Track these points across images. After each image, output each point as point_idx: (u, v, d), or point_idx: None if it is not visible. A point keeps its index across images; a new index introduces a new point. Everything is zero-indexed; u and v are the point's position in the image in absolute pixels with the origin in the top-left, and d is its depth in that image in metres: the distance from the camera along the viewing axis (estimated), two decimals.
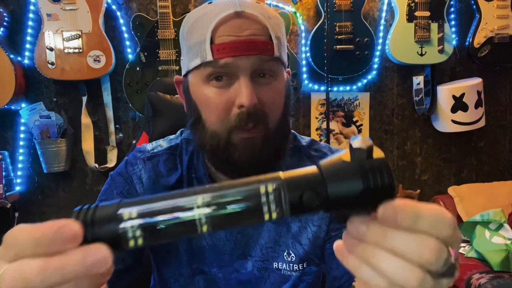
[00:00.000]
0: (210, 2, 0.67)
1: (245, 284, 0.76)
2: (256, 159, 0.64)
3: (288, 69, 0.74)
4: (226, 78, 0.64)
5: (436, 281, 0.32)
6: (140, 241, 0.30)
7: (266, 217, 0.30)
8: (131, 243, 0.30)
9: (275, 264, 0.75)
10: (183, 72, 0.71)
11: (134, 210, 0.30)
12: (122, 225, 0.29)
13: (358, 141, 0.31)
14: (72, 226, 0.29)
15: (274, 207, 0.30)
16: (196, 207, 0.30)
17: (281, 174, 0.32)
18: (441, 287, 0.32)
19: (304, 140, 0.82)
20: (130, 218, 0.29)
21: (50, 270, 0.28)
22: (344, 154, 0.32)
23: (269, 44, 0.64)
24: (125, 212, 0.30)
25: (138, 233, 0.29)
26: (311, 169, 0.32)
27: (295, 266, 0.75)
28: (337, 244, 0.35)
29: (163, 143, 0.80)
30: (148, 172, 0.76)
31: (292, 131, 0.83)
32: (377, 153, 0.31)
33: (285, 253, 0.75)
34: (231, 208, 0.30)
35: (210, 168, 0.75)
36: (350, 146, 0.31)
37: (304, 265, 0.75)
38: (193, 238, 0.75)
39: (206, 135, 0.67)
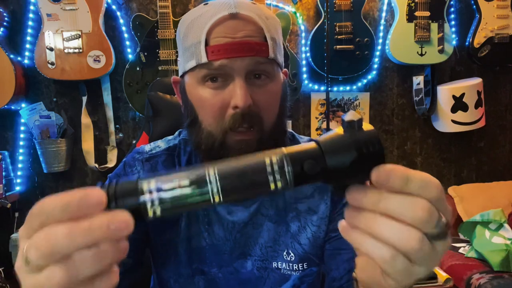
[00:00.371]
0: (206, 3, 0.67)
1: (245, 284, 0.76)
2: None
3: (285, 69, 0.74)
4: (221, 79, 0.64)
5: (432, 243, 0.34)
6: (158, 212, 0.32)
7: (272, 186, 0.33)
8: (150, 213, 0.32)
9: (275, 263, 0.75)
10: (180, 73, 0.72)
11: (152, 184, 0.32)
12: (142, 198, 0.32)
13: (349, 115, 0.34)
14: (97, 193, 0.31)
15: (278, 176, 0.33)
16: (209, 179, 0.33)
17: (284, 149, 0.35)
18: (436, 251, 0.34)
19: (303, 140, 0.82)
20: (150, 191, 0.32)
21: (77, 232, 0.30)
22: (338, 129, 0.35)
23: (264, 45, 0.64)
24: (144, 186, 0.32)
25: (156, 203, 0.32)
26: (311, 144, 0.35)
27: (295, 266, 0.75)
28: (341, 223, 0.37)
29: (161, 144, 0.80)
30: (146, 173, 0.76)
31: (291, 131, 0.83)
32: (367, 126, 0.35)
33: (285, 253, 0.75)
34: (239, 179, 0.33)
35: None
36: (343, 120, 0.35)
37: (304, 265, 0.75)
38: (208, 208, 0.75)
39: (202, 136, 0.67)
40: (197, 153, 0.75)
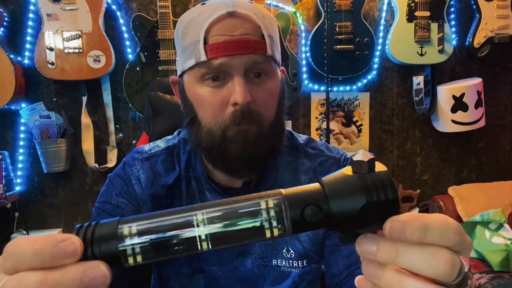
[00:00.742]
0: (204, 3, 0.68)
1: (245, 282, 0.76)
2: (249, 153, 0.66)
3: (283, 67, 0.76)
4: (221, 77, 0.65)
5: None
6: (139, 259, 0.30)
7: (268, 234, 0.30)
8: (130, 260, 0.30)
9: (274, 261, 0.75)
10: (179, 72, 0.72)
11: (133, 229, 0.30)
12: (121, 244, 0.29)
13: (359, 155, 0.30)
14: (72, 241, 0.29)
15: (275, 223, 0.30)
16: (196, 225, 0.29)
17: (283, 191, 0.31)
18: None
19: (301, 138, 0.83)
20: (130, 236, 0.29)
21: (48, 284, 0.28)
22: (346, 169, 0.31)
23: (262, 43, 0.65)
24: (124, 230, 0.30)
25: (137, 251, 0.29)
26: (313, 185, 0.31)
27: (295, 263, 0.75)
28: (359, 280, 0.34)
29: (160, 144, 0.81)
30: (146, 172, 0.76)
31: (289, 129, 0.84)
32: (380, 167, 0.30)
33: (284, 250, 0.75)
34: (231, 226, 0.30)
35: (208, 166, 0.76)
36: (351, 159, 0.31)
37: (304, 262, 0.75)
38: (193, 255, 0.75)
39: (202, 134, 0.68)
40: (198, 151, 0.76)
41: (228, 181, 0.75)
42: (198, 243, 0.29)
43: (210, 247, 0.30)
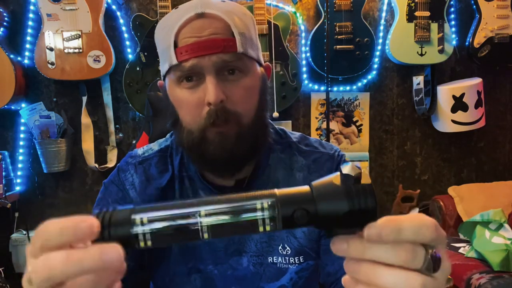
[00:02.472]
0: (177, 8, 0.70)
1: (241, 280, 0.76)
2: (229, 154, 0.67)
3: (268, 63, 0.76)
4: (195, 78, 0.66)
5: (432, 276, 0.34)
6: (149, 243, 0.34)
7: (261, 229, 0.34)
8: (142, 244, 0.34)
9: (270, 258, 0.76)
10: (162, 77, 0.74)
11: (145, 216, 0.34)
12: (134, 229, 0.34)
13: (347, 168, 0.34)
14: (91, 221, 0.33)
15: (268, 221, 0.34)
16: (199, 216, 0.34)
17: (277, 191, 0.35)
18: (438, 281, 0.34)
19: (294, 135, 0.83)
20: (142, 223, 0.34)
21: (71, 262, 0.32)
22: (335, 177, 0.35)
23: (231, 40, 0.65)
24: (137, 217, 0.34)
25: (148, 236, 0.34)
26: (304, 188, 0.35)
27: (291, 259, 0.76)
28: (344, 278, 0.37)
29: (154, 147, 0.82)
30: (140, 176, 0.77)
31: (282, 127, 0.84)
32: (365, 179, 0.34)
33: (280, 247, 0.76)
34: (230, 220, 0.34)
35: None
36: (340, 171, 0.35)
37: (301, 258, 0.76)
38: (196, 242, 0.76)
39: (183, 134, 0.69)
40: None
41: (221, 179, 0.76)
42: (200, 233, 0.34)
43: (209, 236, 0.34)
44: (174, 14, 0.68)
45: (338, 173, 0.35)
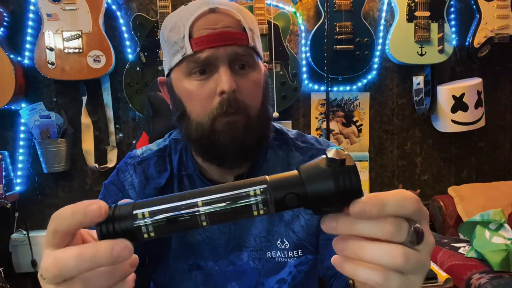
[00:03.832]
0: (186, 4, 0.72)
1: (241, 275, 0.77)
2: (239, 142, 0.68)
3: (265, 64, 0.79)
4: (207, 70, 0.69)
5: (416, 249, 0.36)
6: (152, 234, 0.36)
7: (255, 213, 0.36)
8: (145, 236, 0.36)
9: (269, 253, 0.77)
10: (166, 72, 0.76)
11: (146, 210, 0.36)
12: (137, 222, 0.36)
13: (332, 153, 0.36)
14: (100, 203, 0.35)
15: (261, 206, 0.36)
16: (197, 206, 0.36)
17: (268, 178, 0.37)
18: (422, 254, 0.36)
19: (291, 132, 0.85)
20: (143, 217, 0.36)
21: (83, 257, 0.34)
22: (321, 161, 0.37)
23: (243, 34, 0.69)
24: (138, 211, 0.36)
25: (150, 228, 0.36)
26: (293, 172, 0.37)
27: (290, 253, 0.77)
28: (334, 258, 0.38)
29: (152, 147, 0.84)
30: (139, 176, 0.79)
31: (280, 125, 0.86)
32: (349, 161, 0.36)
33: (278, 241, 0.77)
34: (226, 207, 0.36)
35: (199, 163, 0.78)
36: (326, 155, 0.36)
37: (299, 252, 0.77)
38: (196, 230, 0.78)
39: (192, 127, 0.70)
40: (188, 148, 0.79)
41: (220, 176, 0.77)
42: (199, 221, 0.36)
43: (208, 224, 0.36)
44: (184, 10, 0.71)
45: (324, 156, 0.37)
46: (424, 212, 0.37)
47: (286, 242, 0.77)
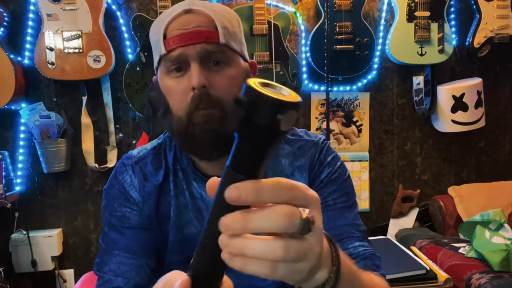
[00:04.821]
0: (169, 8, 0.78)
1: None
2: (214, 135, 0.71)
3: (253, 61, 0.83)
4: (183, 68, 0.73)
5: (302, 238, 0.36)
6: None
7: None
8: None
9: None
10: (155, 71, 0.80)
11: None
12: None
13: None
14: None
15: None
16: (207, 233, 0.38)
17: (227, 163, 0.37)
18: (311, 243, 0.36)
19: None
20: None
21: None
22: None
23: (214, 33, 0.72)
24: None
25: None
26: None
27: None
28: (222, 253, 0.38)
29: (148, 146, 0.87)
30: (138, 176, 0.81)
31: None
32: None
33: None
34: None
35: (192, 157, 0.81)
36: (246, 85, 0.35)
37: None
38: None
39: (173, 121, 0.75)
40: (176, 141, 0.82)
41: (212, 170, 0.79)
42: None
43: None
44: (164, 13, 0.76)
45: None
46: (313, 196, 0.37)
47: None
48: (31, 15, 2.30)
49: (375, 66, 2.53)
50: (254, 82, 0.34)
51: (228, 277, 0.42)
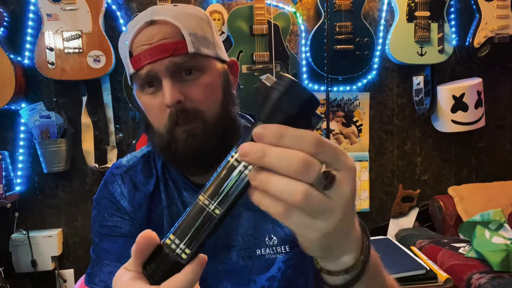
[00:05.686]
0: (133, 19, 0.74)
1: (232, 275, 0.78)
2: (197, 151, 0.69)
3: (233, 58, 0.79)
4: (155, 83, 0.69)
5: (323, 193, 0.35)
6: (188, 251, 0.40)
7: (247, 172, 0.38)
8: (184, 256, 0.40)
9: (258, 250, 0.77)
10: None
11: (176, 239, 0.39)
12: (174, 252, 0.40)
13: (264, 77, 0.38)
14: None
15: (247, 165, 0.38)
16: (205, 205, 0.38)
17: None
18: (332, 201, 0.36)
19: None
20: (175, 245, 0.39)
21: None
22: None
23: (181, 43, 0.67)
24: (177, 250, 0.40)
25: (186, 251, 0.39)
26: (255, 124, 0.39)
27: (278, 249, 0.77)
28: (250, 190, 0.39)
29: (137, 154, 0.85)
30: (127, 185, 0.80)
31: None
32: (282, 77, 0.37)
33: (266, 238, 0.78)
34: (222, 187, 0.38)
35: None
36: (263, 82, 0.38)
37: (287, 247, 0.77)
38: (218, 225, 0.81)
39: (155, 137, 0.72)
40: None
41: (202, 179, 0.77)
42: (213, 214, 0.38)
43: (221, 210, 0.38)
44: (129, 24, 0.72)
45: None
46: (347, 163, 0.37)
47: (274, 238, 0.77)
48: (31, 15, 2.30)
49: (375, 66, 2.53)
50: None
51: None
